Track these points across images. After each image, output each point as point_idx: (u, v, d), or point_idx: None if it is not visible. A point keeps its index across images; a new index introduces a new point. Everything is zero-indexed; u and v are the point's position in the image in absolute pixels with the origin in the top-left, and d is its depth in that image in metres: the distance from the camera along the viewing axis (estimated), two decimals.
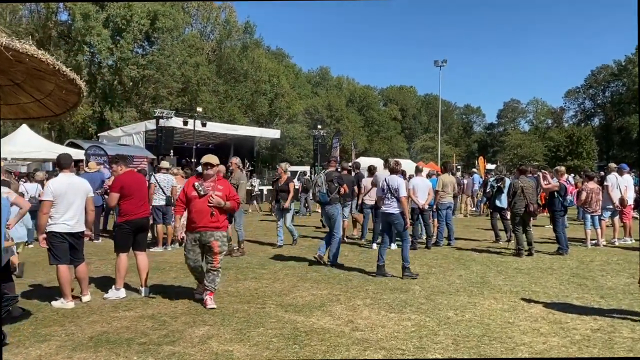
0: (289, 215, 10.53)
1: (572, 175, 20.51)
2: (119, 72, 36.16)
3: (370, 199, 10.94)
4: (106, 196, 10.09)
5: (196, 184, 5.89)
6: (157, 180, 9.69)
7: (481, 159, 40.38)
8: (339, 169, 11.26)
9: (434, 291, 6.75)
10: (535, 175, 11.17)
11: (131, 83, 39.46)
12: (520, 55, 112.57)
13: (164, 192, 9.66)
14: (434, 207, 10.93)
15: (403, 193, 7.68)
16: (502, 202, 11.17)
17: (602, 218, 10.87)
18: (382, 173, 10.32)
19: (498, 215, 11.46)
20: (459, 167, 43.70)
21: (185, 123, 23.62)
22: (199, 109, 25.17)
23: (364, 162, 34.56)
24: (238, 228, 9.64)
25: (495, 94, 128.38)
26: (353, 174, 11.99)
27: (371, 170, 11.18)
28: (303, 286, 7.02)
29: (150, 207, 9.14)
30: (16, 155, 16.54)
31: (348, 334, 4.94)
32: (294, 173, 26.53)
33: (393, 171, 8.12)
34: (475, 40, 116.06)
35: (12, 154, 16.15)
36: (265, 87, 48.33)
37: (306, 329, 5.06)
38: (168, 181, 9.83)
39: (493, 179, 11.70)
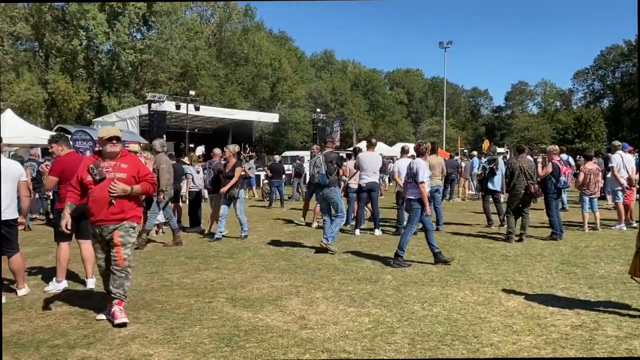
0: (239, 203, 9.37)
1: (578, 157, 19.76)
2: (117, 57, 35.57)
3: (354, 183, 10.30)
4: None
5: (91, 165, 4.63)
6: None
7: (486, 141, 39.68)
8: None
9: (406, 281, 6.16)
10: (535, 157, 10.47)
11: (130, 68, 38.96)
12: (529, 36, 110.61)
13: None
14: None
15: (421, 178, 7.07)
16: (495, 184, 10.53)
17: (616, 201, 10.26)
18: (404, 160, 9.72)
19: (491, 199, 10.80)
20: (465, 150, 42.90)
21: (178, 107, 23.03)
22: (192, 93, 24.48)
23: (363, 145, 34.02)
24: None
25: (503, 76, 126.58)
26: (352, 159, 11.31)
27: (355, 152, 10.56)
28: (265, 277, 6.45)
29: None
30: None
31: (293, 333, 4.37)
32: (293, 158, 25.94)
33: (419, 153, 7.58)
34: (482, 21, 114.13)
35: None
36: (267, 70, 47.57)
37: (247, 328, 4.50)
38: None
39: (485, 160, 11.01)
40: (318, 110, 31.90)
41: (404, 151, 10.01)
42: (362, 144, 36.01)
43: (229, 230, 9.77)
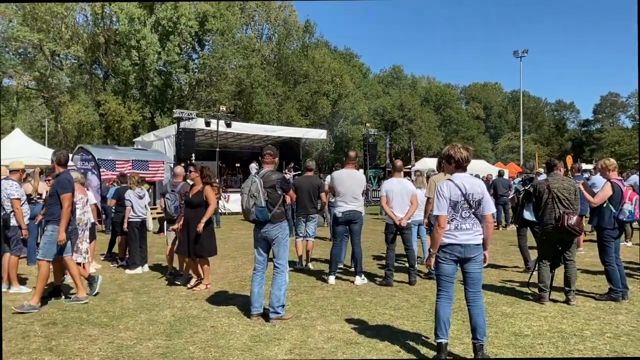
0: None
1: None
2: (168, 76, 35.17)
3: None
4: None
5: None
6: None
7: (569, 158, 35.16)
8: (287, 172, 8.18)
9: None
10: (582, 176, 7.42)
11: (187, 87, 38.57)
12: (618, 41, 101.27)
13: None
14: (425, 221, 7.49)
15: (489, 209, 4.25)
16: (533, 213, 7.60)
17: None
18: (395, 180, 7.28)
19: (528, 232, 7.88)
20: (541, 168, 38.42)
21: (208, 124, 21.48)
22: (223, 108, 22.83)
23: (431, 163, 30.91)
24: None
25: (591, 87, 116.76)
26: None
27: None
28: None
29: None
30: (6, 162, 15.07)
31: None
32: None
33: (464, 164, 4.28)
34: (563, 28, 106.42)
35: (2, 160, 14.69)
36: (328, 87, 45.78)
37: None
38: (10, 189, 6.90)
39: (519, 180, 8.06)
40: (367, 124, 29.35)
41: (395, 168, 7.31)
42: (428, 161, 33.07)
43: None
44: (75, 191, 7.03)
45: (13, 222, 6.96)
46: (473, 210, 4.13)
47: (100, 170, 15.59)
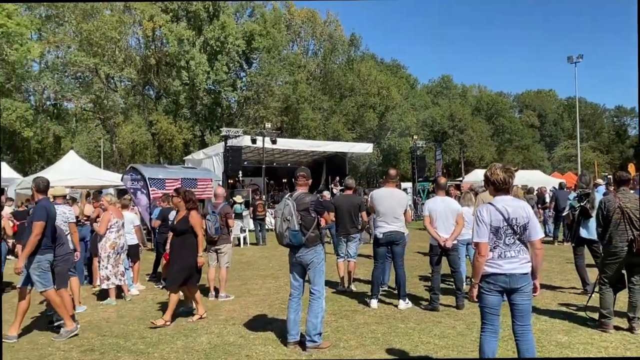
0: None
1: None
2: (217, 95, 35.88)
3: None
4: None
5: None
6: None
7: (632, 166, 33.31)
8: (333, 187, 7.94)
9: None
10: None
11: (236, 105, 39.27)
12: None
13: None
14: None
15: (537, 234, 3.88)
16: (591, 230, 7.06)
17: None
18: (439, 199, 6.91)
19: (585, 251, 7.34)
20: (608, 175, 36.64)
21: (254, 141, 21.65)
22: (268, 125, 22.99)
23: (482, 175, 29.99)
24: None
25: None
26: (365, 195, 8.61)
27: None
28: None
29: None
30: (54, 184, 15.64)
31: None
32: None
33: (503, 187, 3.93)
34: (619, 31, 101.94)
35: (52, 182, 15.24)
36: (374, 100, 45.51)
37: None
38: (58, 215, 6.68)
39: (574, 195, 7.52)
40: (415, 137, 28.81)
41: (439, 185, 6.94)
42: (479, 173, 32.10)
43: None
44: (109, 214, 7.09)
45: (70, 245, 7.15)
46: (518, 236, 3.80)
47: (150, 189, 15.87)
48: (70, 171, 16.41)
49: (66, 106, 35.91)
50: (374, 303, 6.88)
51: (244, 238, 15.74)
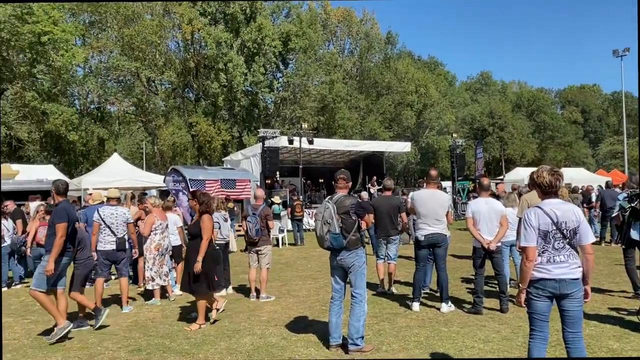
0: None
1: None
2: (254, 96, 36.25)
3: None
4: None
5: None
6: (101, 216, 7.38)
7: None
8: (370, 187, 7.87)
9: None
10: None
11: (272, 106, 39.59)
12: None
13: (112, 233, 7.31)
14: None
15: (588, 238, 3.76)
16: None
17: None
18: (531, 195, 6.37)
19: (636, 253, 7.07)
20: None
21: (291, 142, 21.77)
22: (305, 125, 23.08)
23: (524, 173, 29.34)
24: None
25: None
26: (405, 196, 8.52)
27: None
28: None
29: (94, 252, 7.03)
30: (99, 185, 16.13)
31: None
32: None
33: (550, 190, 3.81)
34: None
35: (93, 184, 15.75)
36: (412, 98, 45.06)
37: None
38: (118, 216, 7.57)
39: (624, 196, 7.26)
40: (454, 135, 28.39)
41: (482, 187, 6.82)
42: (520, 171, 31.41)
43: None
44: (153, 216, 7.26)
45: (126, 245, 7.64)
46: (568, 240, 3.68)
47: (191, 190, 16.14)
48: (114, 173, 16.89)
49: (109, 109, 36.95)
50: (415, 306, 6.81)
51: (282, 238, 15.84)
